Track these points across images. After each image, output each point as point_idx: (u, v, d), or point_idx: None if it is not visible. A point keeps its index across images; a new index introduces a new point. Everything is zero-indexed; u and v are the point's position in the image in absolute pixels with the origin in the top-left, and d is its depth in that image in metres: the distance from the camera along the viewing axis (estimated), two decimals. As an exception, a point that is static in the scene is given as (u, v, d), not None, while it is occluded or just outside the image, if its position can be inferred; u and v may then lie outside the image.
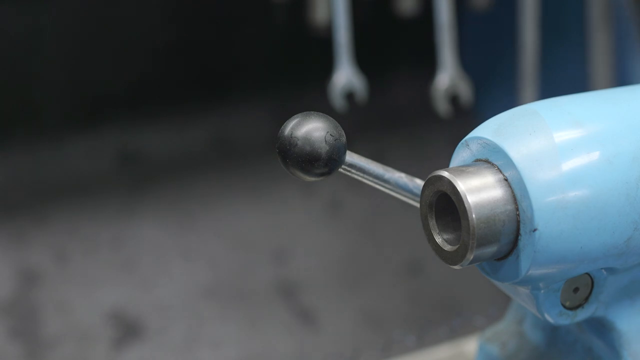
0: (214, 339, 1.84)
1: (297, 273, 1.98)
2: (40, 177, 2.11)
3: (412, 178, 0.71)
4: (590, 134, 0.64)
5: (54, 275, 1.98)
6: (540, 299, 0.67)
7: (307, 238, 2.03)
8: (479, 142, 0.65)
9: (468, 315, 1.93)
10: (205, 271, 1.92)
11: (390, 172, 0.72)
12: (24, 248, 2.02)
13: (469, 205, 0.62)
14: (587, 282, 0.69)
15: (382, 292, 2.01)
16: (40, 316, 1.94)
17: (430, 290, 2.03)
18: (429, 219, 0.66)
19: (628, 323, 0.71)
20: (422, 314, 1.99)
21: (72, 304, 1.93)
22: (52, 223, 2.04)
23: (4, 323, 1.92)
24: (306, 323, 1.91)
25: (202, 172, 2.02)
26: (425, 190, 0.65)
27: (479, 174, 0.63)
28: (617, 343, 0.71)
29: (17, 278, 1.99)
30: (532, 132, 0.63)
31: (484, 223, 0.62)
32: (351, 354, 1.85)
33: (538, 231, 0.62)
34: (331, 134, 0.68)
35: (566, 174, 0.62)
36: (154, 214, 1.92)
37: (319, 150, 0.67)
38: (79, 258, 1.99)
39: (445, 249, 0.65)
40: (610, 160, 0.63)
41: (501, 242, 0.63)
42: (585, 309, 0.69)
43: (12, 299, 1.96)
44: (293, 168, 0.68)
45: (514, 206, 0.63)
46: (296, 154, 0.67)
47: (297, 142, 0.67)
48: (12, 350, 1.90)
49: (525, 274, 0.64)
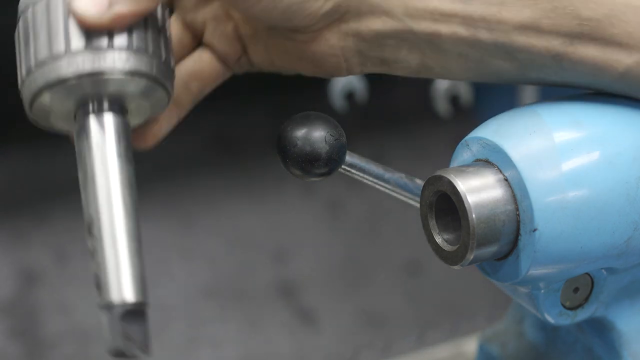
0: (214, 339, 1.84)
1: (297, 273, 1.98)
2: (40, 177, 2.11)
3: (412, 178, 0.71)
4: (590, 134, 0.64)
5: (54, 275, 1.98)
6: (540, 299, 0.67)
7: (307, 238, 2.03)
8: (479, 142, 0.65)
9: (468, 315, 1.93)
10: (205, 271, 1.92)
11: (390, 172, 0.72)
12: (24, 248, 2.02)
13: (469, 205, 0.62)
14: (587, 282, 0.69)
15: (382, 292, 2.01)
16: (40, 316, 1.94)
17: (430, 290, 2.03)
18: (429, 219, 0.66)
19: (628, 323, 0.71)
20: (422, 314, 1.99)
21: (72, 304, 1.93)
22: (52, 223, 2.03)
23: (4, 323, 1.92)
24: (306, 323, 1.91)
25: (202, 171, 2.02)
26: (425, 190, 0.65)
27: (479, 174, 0.63)
28: (617, 343, 0.71)
29: (17, 278, 1.99)
30: (532, 132, 0.63)
31: (484, 223, 0.62)
32: (351, 354, 1.85)
33: (538, 231, 0.62)
34: (331, 134, 0.68)
35: (566, 174, 0.62)
36: (153, 214, 1.92)
37: (319, 150, 0.67)
38: (79, 258, 1.99)
39: (445, 249, 0.65)
40: (611, 160, 0.63)
41: (501, 242, 0.63)
42: (585, 309, 0.69)
43: (12, 299, 1.96)
44: (293, 168, 0.68)
45: (514, 206, 0.63)
46: (296, 154, 0.67)
47: (297, 142, 0.67)
48: (12, 350, 1.90)
49: (525, 274, 0.64)
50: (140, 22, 0.64)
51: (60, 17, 0.63)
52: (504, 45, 0.65)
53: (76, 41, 0.63)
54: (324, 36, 0.68)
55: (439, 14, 0.65)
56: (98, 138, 0.63)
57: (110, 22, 0.62)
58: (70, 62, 0.63)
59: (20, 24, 0.66)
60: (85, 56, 0.63)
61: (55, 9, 0.63)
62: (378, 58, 0.69)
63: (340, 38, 0.68)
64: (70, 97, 0.64)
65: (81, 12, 0.62)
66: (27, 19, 0.65)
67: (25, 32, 0.65)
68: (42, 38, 0.64)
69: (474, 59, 0.66)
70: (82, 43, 0.63)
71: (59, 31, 0.63)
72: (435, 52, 0.67)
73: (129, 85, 0.64)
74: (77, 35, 0.63)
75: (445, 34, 0.66)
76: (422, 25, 0.66)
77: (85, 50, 0.63)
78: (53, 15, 0.63)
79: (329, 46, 0.69)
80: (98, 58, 0.63)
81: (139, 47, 0.64)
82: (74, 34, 0.63)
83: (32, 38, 0.64)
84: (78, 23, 0.62)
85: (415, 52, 0.67)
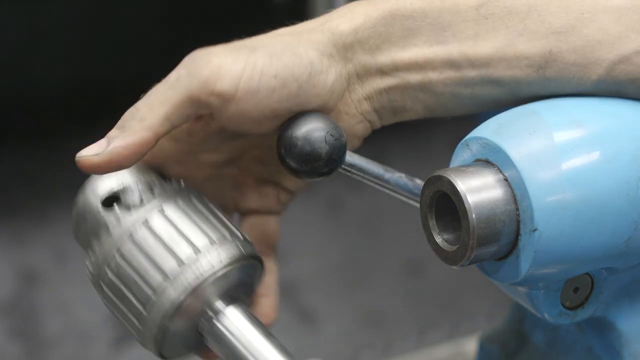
0: (214, 339, 1.84)
1: (297, 273, 1.98)
2: (41, 177, 2.11)
3: (412, 178, 0.71)
4: (590, 134, 0.64)
5: (54, 275, 1.98)
6: (540, 299, 0.67)
7: (307, 238, 2.03)
8: (479, 142, 0.65)
9: (468, 315, 1.93)
10: (205, 271, 1.92)
11: (390, 172, 0.72)
12: (24, 248, 2.02)
13: (469, 205, 0.62)
14: (587, 282, 0.68)
15: (382, 292, 2.01)
16: (40, 316, 1.94)
17: (430, 290, 2.04)
18: (429, 219, 0.66)
19: (628, 323, 0.71)
20: (422, 314, 1.99)
21: (72, 304, 1.93)
22: (52, 223, 2.04)
23: (4, 323, 1.93)
24: (306, 323, 1.91)
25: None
26: (425, 190, 0.65)
27: (479, 174, 0.63)
28: (617, 343, 0.71)
29: (17, 278, 1.99)
30: (532, 132, 0.63)
31: (484, 223, 0.62)
32: (351, 354, 1.85)
33: (538, 231, 0.62)
34: (331, 134, 0.68)
35: (566, 174, 0.62)
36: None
37: (319, 150, 0.67)
38: (79, 258, 1.99)
39: (445, 249, 0.65)
40: (610, 160, 0.63)
41: (501, 242, 0.63)
42: (585, 309, 0.69)
43: (12, 299, 1.96)
44: (293, 168, 0.68)
45: (514, 206, 0.63)
46: (296, 154, 0.67)
47: (297, 142, 0.67)
48: (12, 350, 1.90)
49: (525, 274, 0.64)
50: (201, 215, 0.68)
51: (143, 260, 0.66)
52: (489, 78, 0.68)
53: (169, 267, 0.65)
54: (343, 111, 0.71)
55: (423, 60, 0.69)
56: (235, 333, 0.67)
57: (110, 158, 0.66)
58: (175, 287, 0.65)
59: (106, 287, 0.68)
60: (183, 274, 0.65)
61: (136, 257, 0.66)
62: (390, 111, 0.72)
63: (356, 105, 0.71)
64: (187, 317, 0.66)
65: (84, 156, 0.67)
66: (112, 280, 0.68)
67: (116, 287, 0.68)
68: (137, 283, 0.66)
69: (467, 96, 0.69)
70: (173, 264, 0.65)
71: (149, 269, 0.66)
72: (431, 97, 0.70)
73: (231, 276, 0.67)
74: (166, 262, 0.66)
75: (435, 79, 0.69)
76: (414, 76, 0.70)
77: (179, 268, 0.65)
78: (136, 263, 0.66)
79: (351, 116, 0.72)
80: (196, 268, 0.65)
81: (218, 238, 0.67)
82: (163, 263, 0.66)
83: (126, 289, 0.67)
84: (82, 169, 0.66)
85: (417, 101, 0.71)
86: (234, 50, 0.68)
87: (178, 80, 0.67)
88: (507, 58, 0.67)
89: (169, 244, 0.66)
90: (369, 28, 0.69)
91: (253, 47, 0.68)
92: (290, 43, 0.68)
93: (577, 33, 0.66)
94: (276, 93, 0.67)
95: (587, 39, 0.65)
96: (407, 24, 0.69)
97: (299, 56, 0.68)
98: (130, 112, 0.68)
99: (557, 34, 0.66)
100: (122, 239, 0.67)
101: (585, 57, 0.66)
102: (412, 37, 0.69)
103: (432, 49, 0.69)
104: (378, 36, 0.69)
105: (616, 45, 0.65)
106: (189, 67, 0.68)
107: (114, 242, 0.67)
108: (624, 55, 0.65)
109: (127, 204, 0.68)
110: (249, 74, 0.67)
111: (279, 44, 0.68)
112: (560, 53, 0.66)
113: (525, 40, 0.66)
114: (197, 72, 0.67)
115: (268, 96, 0.67)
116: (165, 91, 0.67)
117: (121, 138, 0.66)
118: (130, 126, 0.67)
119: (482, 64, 0.68)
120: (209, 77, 0.67)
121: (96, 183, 0.70)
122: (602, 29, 0.65)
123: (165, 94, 0.67)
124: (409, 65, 0.69)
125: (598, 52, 0.65)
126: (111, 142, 0.66)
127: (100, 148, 0.66)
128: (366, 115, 0.72)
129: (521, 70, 0.67)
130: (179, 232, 0.67)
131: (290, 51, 0.68)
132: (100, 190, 0.70)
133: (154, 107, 0.67)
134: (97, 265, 0.68)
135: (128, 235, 0.66)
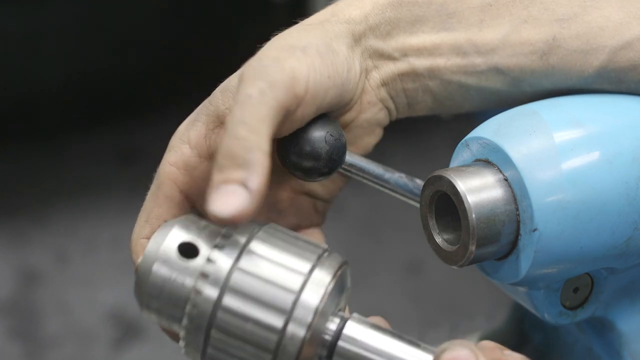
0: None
1: (297, 273, 1.97)
2: (41, 177, 2.11)
3: (412, 178, 0.71)
4: (590, 134, 0.64)
5: (54, 275, 1.98)
6: (540, 299, 0.67)
7: (307, 238, 2.03)
8: (479, 142, 0.65)
9: (468, 315, 1.93)
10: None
11: (390, 172, 0.72)
12: (24, 248, 2.02)
13: (469, 205, 0.62)
14: (587, 282, 0.69)
15: (382, 292, 2.01)
16: (40, 316, 1.94)
17: (431, 290, 2.04)
18: (429, 219, 0.66)
19: (628, 323, 0.71)
20: (422, 314, 1.99)
21: (72, 304, 1.93)
22: (52, 223, 2.04)
23: (4, 323, 1.93)
24: (306, 323, 1.90)
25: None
26: (425, 190, 0.65)
27: (479, 174, 0.63)
28: (617, 343, 0.71)
29: (17, 278, 1.99)
30: (532, 132, 0.63)
31: (484, 223, 0.62)
32: (351, 354, 1.84)
33: (538, 231, 0.62)
34: (331, 134, 0.68)
35: (566, 174, 0.62)
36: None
37: (319, 150, 0.67)
38: (79, 258, 1.99)
39: (445, 249, 0.65)
40: (610, 160, 0.63)
41: (501, 242, 0.63)
42: (585, 309, 0.69)
43: (12, 299, 1.96)
44: (293, 168, 0.68)
45: (514, 206, 0.63)
46: (296, 154, 0.67)
47: (297, 142, 0.67)
48: (12, 350, 1.90)
49: (525, 274, 0.64)
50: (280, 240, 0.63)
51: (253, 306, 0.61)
52: (495, 66, 0.69)
53: (282, 302, 0.61)
54: (365, 100, 0.71)
55: (431, 46, 0.70)
56: (360, 346, 0.64)
57: (260, 199, 0.61)
58: (297, 315, 0.61)
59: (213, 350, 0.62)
60: (299, 311, 0.61)
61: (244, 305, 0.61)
62: (404, 102, 0.72)
63: (376, 93, 0.71)
64: (315, 344, 0.62)
65: (233, 212, 0.60)
66: (222, 339, 0.62)
67: (228, 345, 0.62)
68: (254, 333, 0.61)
69: (473, 86, 0.70)
70: (287, 297, 0.61)
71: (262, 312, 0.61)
72: (440, 85, 0.71)
73: (338, 286, 0.65)
74: (279, 298, 0.61)
75: (443, 65, 0.70)
76: (422, 61, 0.70)
77: (292, 305, 0.61)
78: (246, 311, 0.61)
79: (373, 105, 0.71)
80: (310, 290, 0.62)
81: (311, 255, 0.63)
82: (276, 300, 0.61)
83: (243, 343, 0.61)
84: (234, 222, 0.60)
85: (427, 91, 0.71)
86: (289, 51, 0.65)
87: (263, 94, 0.63)
88: (511, 44, 0.68)
89: (273, 280, 0.61)
90: (378, 14, 0.70)
91: (300, 46, 0.66)
92: (323, 39, 0.67)
93: (580, 20, 0.67)
94: (330, 93, 0.66)
95: (589, 25, 0.66)
96: (414, 10, 0.70)
97: (336, 53, 0.67)
98: (235, 144, 0.61)
99: (560, 21, 0.67)
100: (221, 293, 0.61)
101: (588, 43, 0.66)
102: (419, 24, 0.70)
103: (439, 35, 0.69)
104: (388, 22, 0.70)
105: (618, 32, 0.66)
106: (265, 78, 0.63)
107: (210, 300, 0.61)
108: (626, 42, 0.66)
109: (206, 256, 0.62)
110: (313, 76, 0.65)
111: (317, 41, 0.67)
112: (564, 39, 0.67)
113: (529, 27, 0.67)
114: (278, 80, 0.63)
115: (324, 97, 0.66)
116: (256, 111, 0.62)
117: (256, 175, 0.61)
118: (251, 159, 0.61)
119: (488, 51, 0.68)
120: (290, 83, 0.64)
121: (161, 248, 0.63)
122: (605, 16, 0.66)
123: (259, 114, 0.62)
124: (417, 51, 0.70)
125: (600, 39, 0.66)
126: (248, 183, 0.60)
127: (241, 195, 0.60)
128: (385, 102, 0.72)
129: (525, 57, 0.68)
130: (277, 264, 0.62)
131: (329, 48, 0.67)
132: (171, 252, 0.63)
133: (258, 131, 0.62)
134: (196, 329, 0.62)
135: (225, 287, 0.61)
